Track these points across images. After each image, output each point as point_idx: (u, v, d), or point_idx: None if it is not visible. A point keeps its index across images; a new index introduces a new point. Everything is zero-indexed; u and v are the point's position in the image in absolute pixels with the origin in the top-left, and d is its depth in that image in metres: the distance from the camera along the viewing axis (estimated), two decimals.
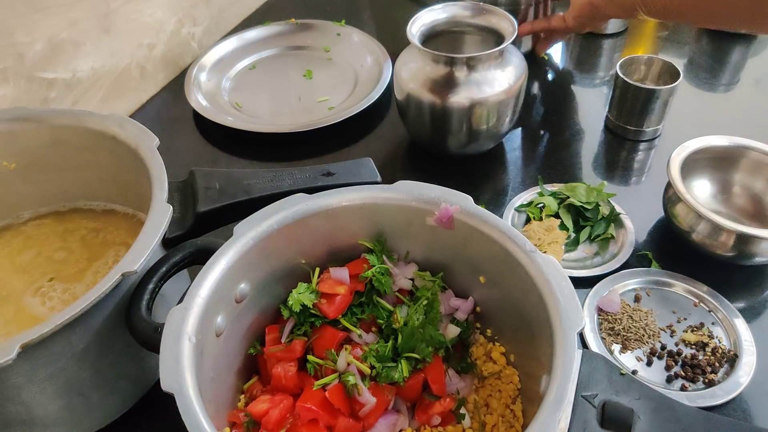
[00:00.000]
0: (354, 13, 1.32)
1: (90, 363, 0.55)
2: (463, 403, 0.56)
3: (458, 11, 0.87)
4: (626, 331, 0.68)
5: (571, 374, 0.44)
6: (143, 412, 0.62)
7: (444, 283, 0.62)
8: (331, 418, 0.51)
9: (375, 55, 1.12)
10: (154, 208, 0.58)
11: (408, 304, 0.59)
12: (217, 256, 0.53)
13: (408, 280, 0.61)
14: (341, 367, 0.53)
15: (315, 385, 0.52)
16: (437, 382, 0.55)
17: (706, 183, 0.81)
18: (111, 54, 0.98)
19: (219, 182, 0.67)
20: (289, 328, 0.57)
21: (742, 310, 0.70)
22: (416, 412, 0.55)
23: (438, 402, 0.55)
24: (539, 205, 0.82)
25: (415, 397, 0.56)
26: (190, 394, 0.44)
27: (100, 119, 0.67)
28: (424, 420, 0.54)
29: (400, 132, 0.98)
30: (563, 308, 0.48)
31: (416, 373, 0.55)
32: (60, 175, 0.72)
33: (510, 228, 0.55)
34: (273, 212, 0.57)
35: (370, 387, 0.53)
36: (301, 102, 1.06)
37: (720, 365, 0.65)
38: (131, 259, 0.53)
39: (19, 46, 0.82)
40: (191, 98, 1.02)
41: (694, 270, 0.74)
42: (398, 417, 0.54)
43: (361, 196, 0.59)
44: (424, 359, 0.55)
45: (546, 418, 0.42)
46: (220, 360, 0.54)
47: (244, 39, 1.18)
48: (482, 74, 0.82)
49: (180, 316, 0.49)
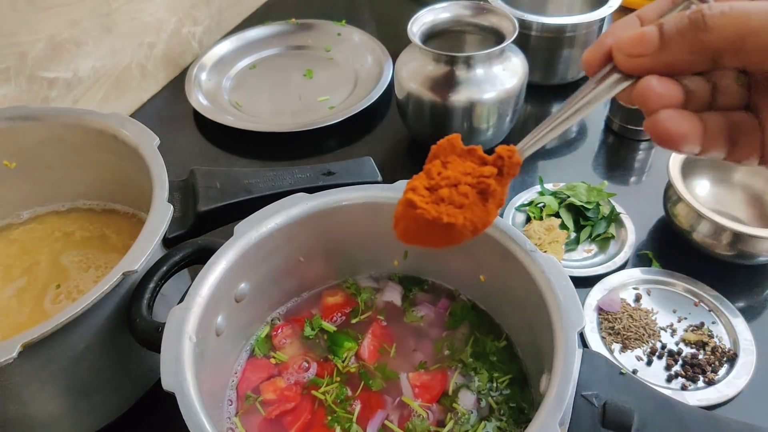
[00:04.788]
0: (354, 12, 1.32)
1: (90, 362, 0.55)
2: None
3: (459, 10, 0.87)
4: (626, 331, 0.68)
5: (571, 374, 0.44)
6: (143, 412, 0.62)
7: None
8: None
9: (375, 54, 1.12)
10: (154, 208, 0.58)
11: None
12: (218, 255, 0.53)
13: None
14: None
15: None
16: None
17: (706, 182, 0.81)
18: (112, 53, 0.98)
19: (219, 181, 0.67)
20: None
21: (742, 309, 0.70)
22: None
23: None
24: (540, 205, 0.82)
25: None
26: (191, 394, 0.44)
27: (101, 118, 0.67)
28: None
29: (401, 131, 0.98)
30: (563, 308, 0.48)
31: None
32: (60, 175, 0.72)
33: (510, 227, 0.55)
34: (273, 212, 0.57)
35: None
36: (301, 101, 1.05)
37: (720, 364, 0.65)
38: (132, 259, 0.53)
39: (20, 45, 0.82)
40: (192, 97, 1.02)
41: (694, 269, 0.74)
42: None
43: (361, 195, 0.59)
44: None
45: (546, 418, 0.42)
46: (221, 359, 0.54)
47: (244, 38, 1.17)
48: (483, 73, 0.82)
49: (181, 316, 0.49)
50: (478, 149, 0.38)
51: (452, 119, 0.84)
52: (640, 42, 0.33)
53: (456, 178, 0.36)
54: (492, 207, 0.37)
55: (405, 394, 0.56)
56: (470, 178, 0.36)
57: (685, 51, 0.32)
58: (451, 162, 0.37)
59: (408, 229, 0.37)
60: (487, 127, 0.85)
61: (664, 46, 0.32)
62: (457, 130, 0.85)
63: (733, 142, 0.34)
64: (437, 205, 0.36)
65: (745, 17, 0.30)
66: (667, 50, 0.32)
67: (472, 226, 0.36)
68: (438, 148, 0.38)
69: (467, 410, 0.54)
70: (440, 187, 0.36)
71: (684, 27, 0.31)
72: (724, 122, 0.34)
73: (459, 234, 0.36)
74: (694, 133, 0.33)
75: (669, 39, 0.32)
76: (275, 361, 0.59)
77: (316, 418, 0.55)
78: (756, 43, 0.30)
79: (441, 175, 0.37)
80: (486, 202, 0.36)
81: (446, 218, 0.35)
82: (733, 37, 0.30)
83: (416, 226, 0.36)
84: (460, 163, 0.37)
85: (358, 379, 0.57)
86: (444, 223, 0.35)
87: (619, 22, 0.36)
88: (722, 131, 0.34)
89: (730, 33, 0.30)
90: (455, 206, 0.36)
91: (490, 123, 0.85)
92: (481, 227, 0.37)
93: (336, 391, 0.56)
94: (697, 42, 0.31)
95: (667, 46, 0.32)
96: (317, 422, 0.54)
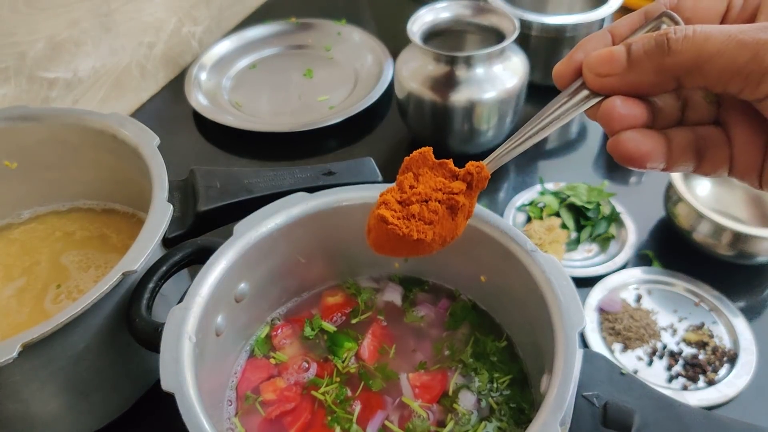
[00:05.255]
0: (354, 12, 1.31)
1: (90, 362, 0.55)
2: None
3: (459, 10, 0.87)
4: (627, 331, 0.68)
5: (572, 374, 0.44)
6: (143, 412, 0.62)
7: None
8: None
9: (375, 54, 1.12)
10: (154, 207, 0.57)
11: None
12: (217, 255, 0.53)
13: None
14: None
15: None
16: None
17: (706, 182, 0.81)
18: (111, 53, 0.98)
19: (219, 181, 0.67)
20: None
21: (742, 309, 0.70)
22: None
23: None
24: (540, 205, 0.82)
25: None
26: (191, 394, 0.44)
27: (101, 118, 0.67)
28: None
29: (401, 131, 0.97)
30: (564, 308, 0.48)
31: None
32: (60, 174, 0.72)
33: (511, 227, 0.54)
34: (273, 211, 0.57)
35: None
36: (301, 101, 1.05)
37: (720, 364, 0.65)
38: (131, 259, 0.53)
39: (20, 45, 0.82)
40: (191, 97, 1.02)
41: (694, 269, 0.74)
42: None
43: (362, 195, 0.59)
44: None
45: (547, 418, 0.42)
46: (220, 359, 0.54)
47: (244, 38, 1.17)
48: (483, 73, 0.82)
49: (180, 316, 0.49)
50: (449, 163, 0.39)
51: (452, 119, 0.84)
52: (609, 62, 0.34)
53: (427, 194, 0.38)
54: (461, 220, 0.39)
55: (405, 395, 0.56)
56: (440, 194, 0.38)
57: (651, 72, 0.32)
58: (422, 175, 0.39)
59: (378, 239, 0.39)
60: (488, 127, 0.85)
61: (631, 67, 0.33)
62: (457, 130, 0.85)
63: (700, 155, 0.35)
64: (408, 221, 0.38)
65: (704, 41, 0.30)
66: (633, 71, 0.33)
67: (441, 240, 0.38)
68: (410, 160, 0.39)
69: (468, 411, 0.54)
70: (411, 203, 0.38)
71: (650, 49, 0.32)
72: (691, 137, 0.35)
73: (428, 247, 0.38)
74: (656, 152, 0.34)
75: (636, 60, 0.33)
76: (275, 362, 0.59)
77: (316, 419, 0.55)
78: (712, 68, 0.31)
79: (413, 190, 0.38)
80: (455, 216, 0.38)
81: (416, 235, 0.37)
82: (693, 61, 0.31)
83: (387, 238, 0.38)
84: (431, 176, 0.39)
85: (358, 380, 0.57)
86: (414, 239, 0.37)
87: (590, 36, 0.37)
88: (689, 146, 0.35)
89: (691, 57, 0.31)
90: (425, 222, 0.38)
91: (490, 123, 0.84)
92: (449, 240, 0.39)
93: (336, 391, 0.56)
94: (661, 64, 0.32)
95: (633, 67, 0.33)
96: (317, 423, 0.54)
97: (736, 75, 0.30)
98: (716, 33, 0.30)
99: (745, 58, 0.30)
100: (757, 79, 0.30)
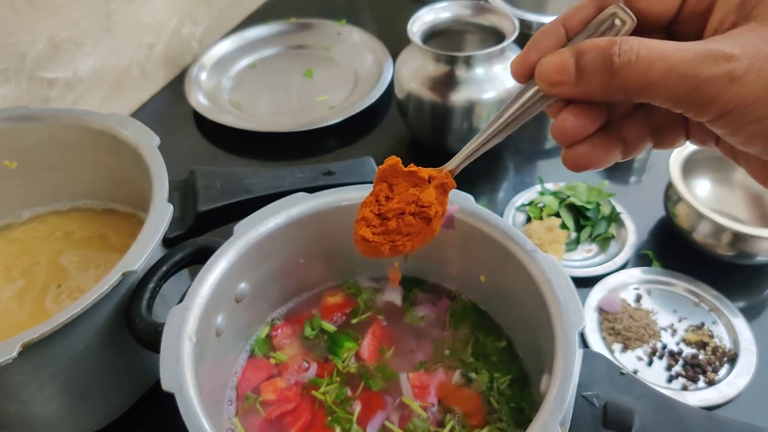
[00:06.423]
0: (354, 12, 1.31)
1: (90, 362, 0.55)
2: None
3: (459, 10, 0.87)
4: (627, 331, 0.68)
5: (572, 374, 0.44)
6: (143, 412, 0.62)
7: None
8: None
9: (375, 54, 1.12)
10: (154, 208, 0.57)
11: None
12: (218, 255, 0.53)
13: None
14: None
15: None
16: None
17: (706, 182, 0.81)
18: (112, 53, 0.98)
19: (219, 181, 0.67)
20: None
21: (742, 309, 0.70)
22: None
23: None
24: (540, 205, 0.82)
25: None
26: (191, 394, 0.44)
27: (101, 118, 0.67)
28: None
29: (401, 131, 0.97)
30: (564, 308, 0.48)
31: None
32: (60, 174, 0.72)
33: (511, 227, 0.54)
34: (273, 211, 0.57)
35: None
36: (301, 101, 1.05)
37: (720, 365, 0.65)
38: (131, 259, 0.53)
39: (20, 45, 0.82)
40: (191, 97, 1.02)
41: (694, 269, 0.74)
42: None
43: (362, 195, 0.58)
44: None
45: (547, 418, 0.42)
46: (220, 359, 0.54)
47: (244, 38, 1.17)
48: (483, 73, 0.82)
49: (180, 316, 0.49)
50: (418, 171, 0.42)
51: (452, 119, 0.84)
52: (559, 72, 0.34)
53: (401, 208, 0.42)
54: (435, 224, 0.42)
55: (405, 395, 0.56)
56: (414, 207, 0.42)
57: (599, 87, 0.33)
58: (396, 185, 0.43)
59: (364, 251, 0.44)
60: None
61: (580, 80, 0.33)
62: (457, 130, 0.85)
63: (661, 134, 0.37)
64: (388, 235, 0.43)
65: (647, 69, 0.31)
66: (583, 83, 0.33)
67: (420, 244, 0.43)
68: (382, 172, 0.43)
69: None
70: (389, 218, 0.42)
71: (597, 66, 0.32)
72: (646, 127, 0.37)
73: (409, 251, 0.43)
74: (611, 156, 0.37)
75: (584, 73, 0.33)
76: (275, 362, 0.59)
77: (316, 419, 0.55)
78: (657, 93, 0.31)
79: (389, 203, 0.43)
80: (430, 223, 0.42)
81: (397, 247, 0.43)
82: (637, 86, 0.31)
83: (370, 251, 0.43)
84: (405, 186, 0.43)
85: (358, 380, 0.57)
86: (395, 251, 0.43)
87: (542, 30, 0.36)
88: (644, 134, 0.37)
89: (634, 82, 0.31)
90: (403, 235, 0.42)
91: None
92: (428, 240, 0.43)
93: (336, 391, 0.56)
94: (608, 83, 0.32)
95: (582, 80, 0.33)
96: (317, 423, 0.54)
97: (678, 103, 0.31)
98: (659, 62, 0.30)
99: (686, 90, 0.30)
100: (698, 109, 0.31)
